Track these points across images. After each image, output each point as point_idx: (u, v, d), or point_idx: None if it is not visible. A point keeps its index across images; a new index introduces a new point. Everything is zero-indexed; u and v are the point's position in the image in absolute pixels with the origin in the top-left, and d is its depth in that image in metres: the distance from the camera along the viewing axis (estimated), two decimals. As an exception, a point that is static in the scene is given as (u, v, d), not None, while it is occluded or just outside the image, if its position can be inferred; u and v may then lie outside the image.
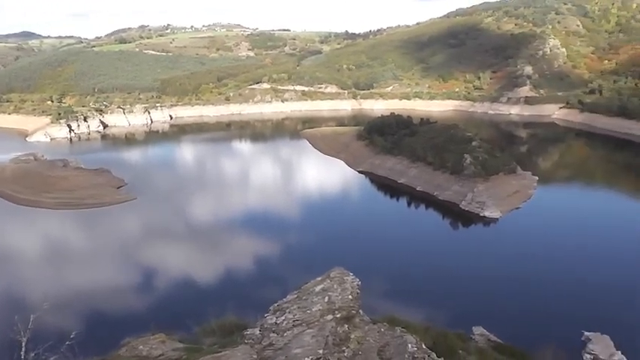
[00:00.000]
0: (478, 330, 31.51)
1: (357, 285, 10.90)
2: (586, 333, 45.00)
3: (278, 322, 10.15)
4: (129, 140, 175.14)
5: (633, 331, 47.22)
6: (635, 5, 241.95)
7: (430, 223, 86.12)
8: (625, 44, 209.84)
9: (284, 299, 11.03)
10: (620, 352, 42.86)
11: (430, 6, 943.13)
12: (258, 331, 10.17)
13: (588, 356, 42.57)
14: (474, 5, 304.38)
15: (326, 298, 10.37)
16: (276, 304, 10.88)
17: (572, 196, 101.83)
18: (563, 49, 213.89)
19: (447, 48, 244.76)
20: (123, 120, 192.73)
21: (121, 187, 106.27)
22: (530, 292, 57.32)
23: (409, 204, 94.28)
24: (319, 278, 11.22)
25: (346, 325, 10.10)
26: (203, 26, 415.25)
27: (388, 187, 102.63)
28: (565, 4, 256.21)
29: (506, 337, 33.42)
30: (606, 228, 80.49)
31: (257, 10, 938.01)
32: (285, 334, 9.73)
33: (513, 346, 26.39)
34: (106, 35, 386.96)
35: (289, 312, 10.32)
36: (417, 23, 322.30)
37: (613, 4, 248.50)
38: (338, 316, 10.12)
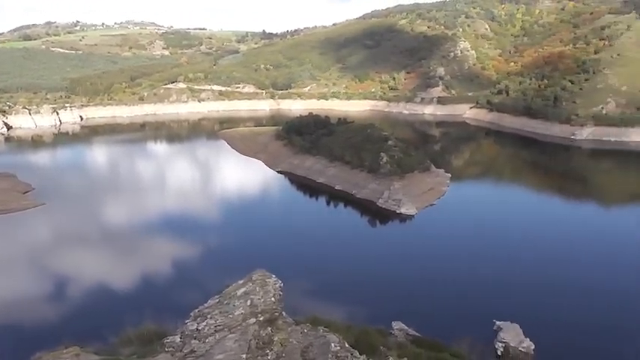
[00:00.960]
0: (397, 325, 32.35)
1: (280, 287, 10.87)
2: (497, 322, 47.23)
3: (199, 328, 9.95)
4: (36, 143, 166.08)
5: (540, 318, 49.84)
6: (537, 11, 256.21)
7: (349, 221, 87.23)
8: (529, 47, 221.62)
9: (205, 304, 10.82)
10: (528, 339, 45.32)
11: (346, 7, 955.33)
12: (179, 339, 9.93)
13: (500, 344, 44.72)
14: (388, 7, 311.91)
15: (248, 302, 10.27)
16: (197, 310, 10.66)
17: (483, 192, 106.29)
18: (473, 52, 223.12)
19: (363, 49, 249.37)
20: (29, 121, 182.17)
21: (27, 192, 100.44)
22: (445, 286, 59.20)
23: (328, 203, 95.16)
24: (241, 281, 11.09)
25: (269, 328, 10.05)
26: (115, 24, 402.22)
27: (307, 186, 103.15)
28: (474, 8, 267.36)
29: (425, 330, 34.43)
30: (516, 222, 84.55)
31: (171, 8, 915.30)
32: (207, 340, 9.55)
33: (431, 339, 27.21)
34: (8, 31, 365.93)
35: (211, 317, 10.14)
36: (334, 24, 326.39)
37: (518, 9, 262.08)
38: (261, 319, 10.04)
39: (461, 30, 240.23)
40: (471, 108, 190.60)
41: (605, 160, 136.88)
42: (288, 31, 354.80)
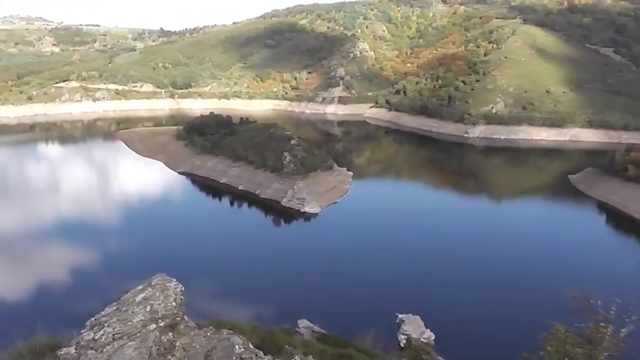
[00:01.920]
0: (303, 323, 32.61)
1: (181, 291, 10.55)
2: (400, 315, 48.77)
3: (96, 337, 9.48)
4: None
5: (439, 310, 52.02)
6: (431, 14, 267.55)
7: (253, 221, 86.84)
8: (424, 49, 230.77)
9: (102, 312, 10.31)
10: (429, 330, 47.16)
11: (246, 6, 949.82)
12: (74, 350, 9.41)
13: (402, 336, 46.19)
14: (288, 7, 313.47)
15: (148, 308, 9.90)
16: (93, 319, 10.13)
17: (384, 189, 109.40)
18: (372, 52, 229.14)
19: (265, 48, 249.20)
20: None
21: None
22: (349, 282, 60.33)
23: (232, 203, 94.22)
24: (140, 287, 10.68)
25: (171, 334, 9.76)
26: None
27: (210, 187, 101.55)
28: (372, 10, 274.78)
29: (330, 327, 34.93)
30: (415, 218, 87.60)
31: (61, 3, 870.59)
32: (104, 350, 9.12)
33: (336, 335, 27.65)
34: None
35: (108, 325, 9.68)
36: (234, 23, 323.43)
37: (413, 12, 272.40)
38: (162, 324, 9.72)
39: (359, 31, 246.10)
40: (371, 107, 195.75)
41: (495, 157, 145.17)
42: (187, 29, 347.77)
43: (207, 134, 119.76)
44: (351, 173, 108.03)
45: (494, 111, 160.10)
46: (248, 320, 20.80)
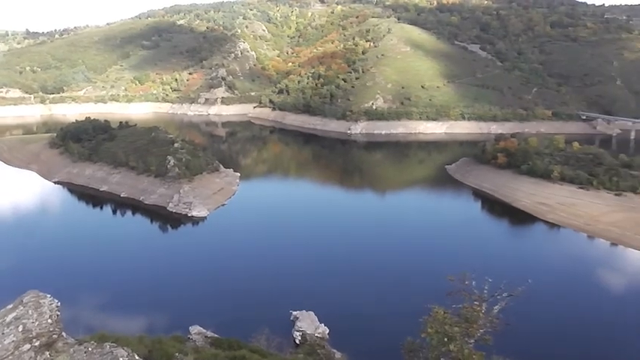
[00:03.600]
0: (195, 329, 31.82)
1: (57, 307, 9.90)
2: (294, 313, 49.06)
3: (-39, 365, 8.70)
4: None
5: (332, 304, 52.88)
6: (310, 14, 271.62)
7: (138, 229, 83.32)
8: (304, 48, 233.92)
9: (-33, 337, 9.47)
10: (323, 325, 47.84)
11: (119, 6, 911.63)
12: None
13: (297, 333, 46.52)
14: (165, 7, 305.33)
15: (20, 327, 9.21)
16: (-43, 345, 9.28)
17: (271, 188, 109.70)
18: (253, 52, 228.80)
19: (142, 50, 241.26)
20: None
21: None
22: (241, 283, 59.62)
23: (114, 212, 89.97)
24: (10, 306, 9.90)
25: (47, 352, 9.16)
26: None
27: (90, 196, 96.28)
28: (251, 10, 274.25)
29: (224, 330, 34.43)
30: (303, 214, 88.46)
31: None
32: (-29, 378, 8.40)
33: (230, 338, 27.29)
34: None
35: (-25, 351, 8.92)
36: (108, 24, 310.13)
37: (292, 12, 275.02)
38: (37, 344, 9.10)
39: (239, 31, 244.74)
40: (255, 107, 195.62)
41: (377, 152, 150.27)
42: (56, 30, 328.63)
43: (84, 140, 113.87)
44: (239, 174, 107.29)
45: (374, 107, 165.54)
46: (136, 331, 19.99)
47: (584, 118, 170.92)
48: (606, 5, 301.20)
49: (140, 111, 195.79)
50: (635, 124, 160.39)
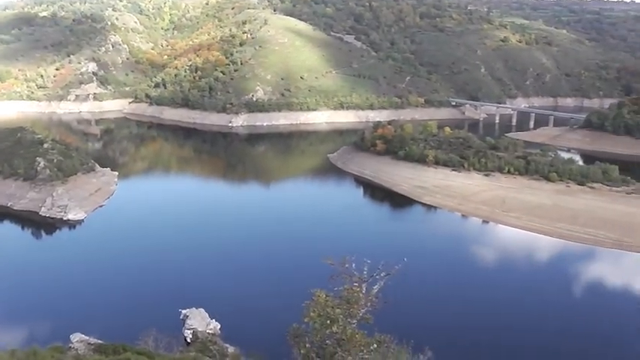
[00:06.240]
0: (76, 337, 30.58)
1: None
2: (183, 311, 48.29)
3: None
4: None
5: (222, 299, 52.71)
6: (184, 5, 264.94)
7: (6, 237, 77.37)
8: (179, 40, 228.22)
9: None
10: (214, 320, 47.57)
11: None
12: None
13: (188, 331, 45.92)
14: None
15: None
16: None
17: (153, 186, 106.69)
18: (126, 46, 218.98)
19: (0, 44, 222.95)
20: None
21: None
22: (125, 286, 57.90)
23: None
24: None
25: None
26: None
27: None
28: (121, 1, 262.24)
29: (109, 335, 33.32)
30: (191, 210, 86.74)
31: None
32: None
33: (115, 343, 26.49)
34: None
35: None
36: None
37: (165, 3, 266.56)
38: None
39: (109, 23, 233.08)
40: (130, 103, 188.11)
41: (260, 144, 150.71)
42: None
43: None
44: (117, 173, 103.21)
45: (254, 99, 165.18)
46: (10, 345, 18.85)
47: (454, 104, 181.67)
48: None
49: (2, 111, 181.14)
50: (499, 109, 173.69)
